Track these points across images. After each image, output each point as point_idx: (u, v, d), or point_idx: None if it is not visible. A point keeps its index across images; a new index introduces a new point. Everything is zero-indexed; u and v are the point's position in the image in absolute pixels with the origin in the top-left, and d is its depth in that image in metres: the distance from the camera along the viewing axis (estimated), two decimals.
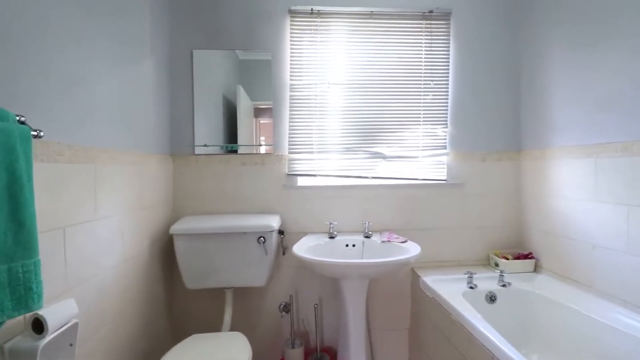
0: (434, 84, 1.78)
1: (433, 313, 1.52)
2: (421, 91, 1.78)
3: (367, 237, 1.66)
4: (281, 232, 1.67)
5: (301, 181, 1.77)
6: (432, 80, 1.78)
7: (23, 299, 0.67)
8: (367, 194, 1.77)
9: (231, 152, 1.73)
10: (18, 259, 0.66)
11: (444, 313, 1.39)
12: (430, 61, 1.78)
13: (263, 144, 1.75)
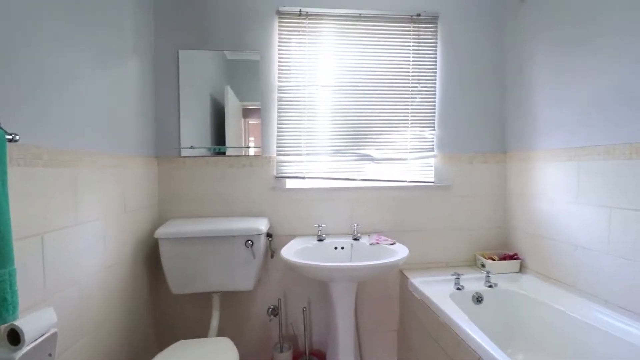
0: (422, 87, 1.79)
1: (421, 315, 1.53)
2: (409, 94, 1.79)
3: (356, 240, 1.66)
4: (269, 235, 1.66)
5: (289, 183, 1.75)
6: (420, 83, 1.79)
7: None
8: (356, 196, 1.77)
9: (219, 154, 1.70)
10: None
11: (432, 315, 1.40)
12: (418, 64, 1.79)
13: (252, 146, 1.73)
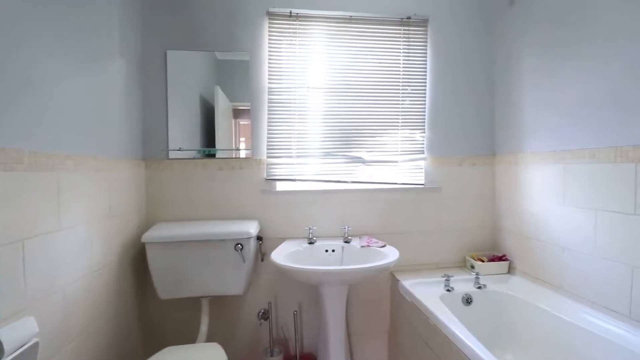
0: (412, 89, 1.80)
1: (412, 317, 1.53)
2: (399, 96, 1.80)
3: (347, 242, 1.65)
4: (260, 238, 1.64)
5: (280, 186, 1.74)
6: (410, 85, 1.80)
7: None
8: (347, 199, 1.77)
9: (209, 156, 1.68)
10: None
11: (422, 317, 1.41)
12: (408, 66, 1.80)
13: (242, 148, 1.71)
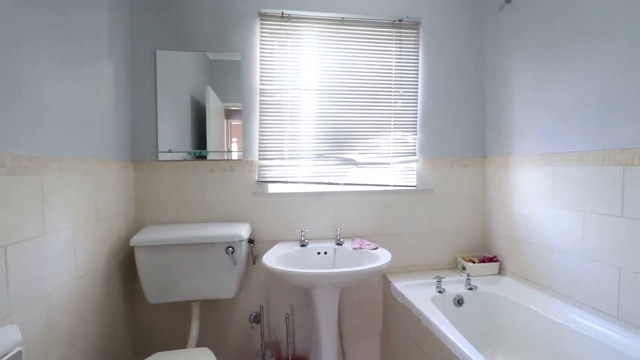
0: (404, 92, 1.81)
1: (404, 319, 1.54)
2: (391, 98, 1.80)
3: (339, 244, 1.65)
4: (251, 241, 1.63)
5: (272, 188, 1.73)
6: (402, 87, 1.80)
7: None
8: (339, 201, 1.77)
9: (200, 158, 1.66)
10: None
11: (414, 319, 1.41)
12: (400, 69, 1.80)
13: (234, 150, 1.69)
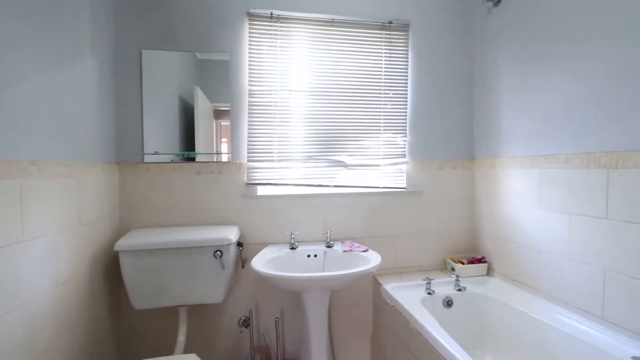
0: (394, 94, 1.81)
1: (394, 321, 1.54)
2: (381, 100, 1.80)
3: (329, 247, 1.64)
4: (240, 244, 1.60)
5: (261, 190, 1.71)
6: (392, 89, 1.81)
7: None
8: (329, 203, 1.76)
9: (188, 160, 1.62)
10: None
11: (404, 321, 1.41)
12: (390, 71, 1.80)
13: (223, 152, 1.66)
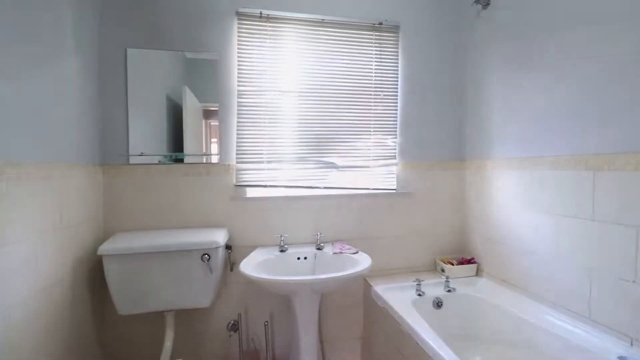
0: (384, 95, 1.81)
1: (384, 322, 1.53)
2: (372, 101, 1.79)
3: (319, 249, 1.63)
4: (228, 247, 1.58)
5: (250, 192, 1.68)
6: (382, 91, 1.80)
7: None
8: (319, 205, 1.74)
9: (177, 161, 1.59)
10: None
11: (394, 323, 1.41)
12: (380, 72, 1.80)
13: (212, 153, 1.63)
